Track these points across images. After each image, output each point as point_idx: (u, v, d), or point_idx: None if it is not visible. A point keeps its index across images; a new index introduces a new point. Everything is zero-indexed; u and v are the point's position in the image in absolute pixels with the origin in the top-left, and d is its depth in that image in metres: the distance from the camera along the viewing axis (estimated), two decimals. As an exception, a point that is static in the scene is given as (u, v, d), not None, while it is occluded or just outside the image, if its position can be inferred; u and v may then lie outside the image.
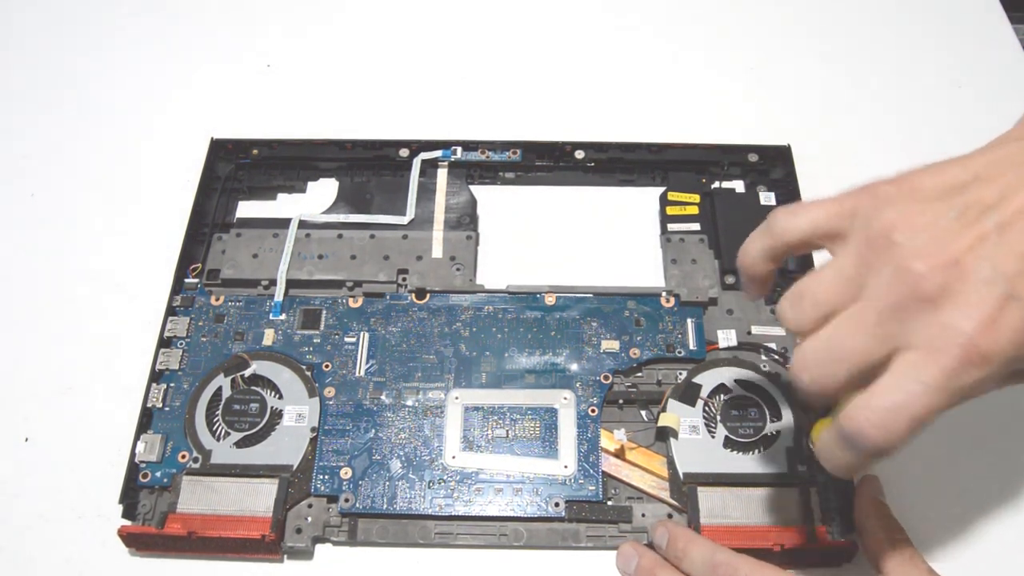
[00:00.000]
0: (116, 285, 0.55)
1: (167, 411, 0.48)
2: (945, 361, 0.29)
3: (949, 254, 0.30)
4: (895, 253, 0.31)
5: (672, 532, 0.43)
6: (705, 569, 0.40)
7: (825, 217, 0.35)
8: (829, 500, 0.45)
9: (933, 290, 0.29)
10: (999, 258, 0.29)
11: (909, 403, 0.30)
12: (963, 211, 0.30)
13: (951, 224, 0.30)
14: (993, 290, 0.29)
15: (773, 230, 0.37)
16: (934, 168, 0.33)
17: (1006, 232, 0.29)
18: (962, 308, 0.29)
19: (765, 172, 0.57)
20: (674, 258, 0.54)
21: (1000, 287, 0.29)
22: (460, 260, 0.54)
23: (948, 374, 0.29)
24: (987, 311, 0.29)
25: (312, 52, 0.67)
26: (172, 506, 0.45)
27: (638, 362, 0.49)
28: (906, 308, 0.30)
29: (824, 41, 0.66)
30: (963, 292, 0.29)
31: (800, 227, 0.35)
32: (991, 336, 0.29)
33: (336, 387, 0.49)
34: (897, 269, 0.31)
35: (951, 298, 0.29)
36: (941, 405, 0.30)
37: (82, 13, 0.70)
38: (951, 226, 0.30)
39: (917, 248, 0.30)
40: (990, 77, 0.63)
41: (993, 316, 0.29)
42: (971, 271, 0.29)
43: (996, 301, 0.29)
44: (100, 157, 0.61)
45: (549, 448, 0.47)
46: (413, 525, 0.45)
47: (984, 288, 0.29)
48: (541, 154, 0.58)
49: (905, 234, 0.31)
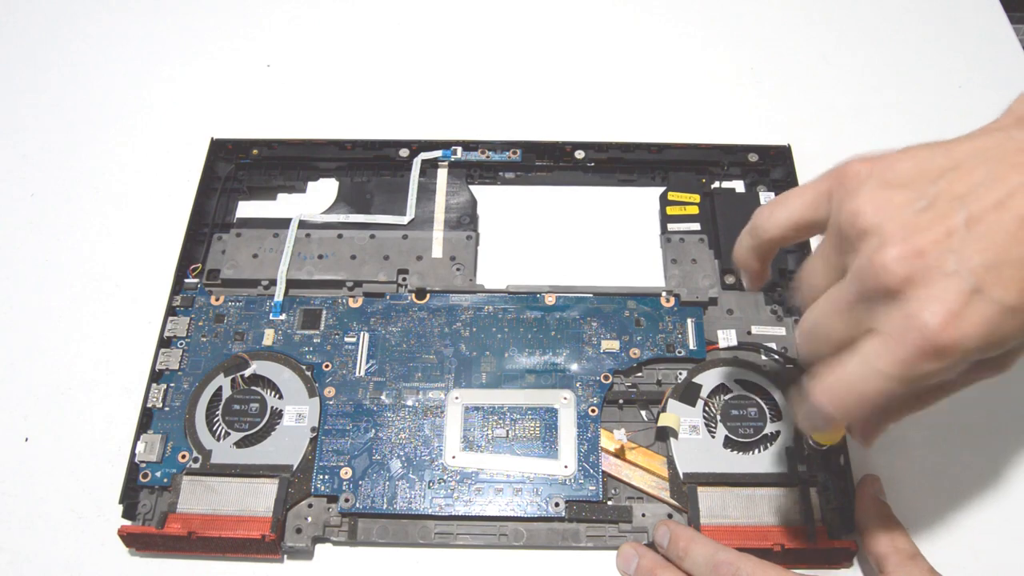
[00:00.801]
0: (116, 285, 0.55)
1: (167, 411, 0.48)
2: (903, 352, 0.30)
3: (915, 245, 0.29)
4: (864, 240, 0.31)
5: (674, 531, 0.43)
6: (707, 568, 0.40)
7: (802, 208, 0.35)
8: (829, 500, 0.45)
9: (897, 281, 0.30)
10: (966, 252, 0.29)
11: (862, 386, 0.31)
12: (933, 201, 0.30)
13: (920, 214, 0.30)
14: (958, 284, 0.29)
15: (755, 230, 0.37)
16: (911, 152, 0.32)
17: (974, 226, 0.29)
18: (925, 301, 0.29)
19: (765, 172, 0.57)
20: (674, 258, 0.54)
21: (965, 281, 0.29)
22: (460, 260, 0.54)
23: (904, 364, 0.30)
24: (950, 305, 0.29)
25: (312, 52, 0.67)
26: (172, 506, 0.45)
27: (638, 362, 0.49)
28: (873, 296, 0.30)
29: (824, 41, 0.66)
30: (928, 284, 0.29)
31: (778, 224, 0.36)
32: (952, 330, 0.29)
33: (336, 387, 0.49)
34: (864, 257, 0.31)
35: (915, 289, 0.29)
36: (894, 391, 0.30)
37: (82, 13, 0.70)
38: (920, 216, 0.30)
39: (884, 237, 0.30)
40: (990, 77, 0.63)
41: (956, 311, 0.29)
42: (937, 264, 0.29)
43: (960, 296, 0.29)
44: (100, 157, 0.61)
45: (549, 448, 0.47)
46: (413, 525, 0.45)
47: (949, 282, 0.29)
48: (541, 154, 0.58)
49: (872, 221, 0.31)
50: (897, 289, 0.30)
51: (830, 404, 0.32)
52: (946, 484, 0.47)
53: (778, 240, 0.37)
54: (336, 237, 0.55)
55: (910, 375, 0.30)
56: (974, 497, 0.47)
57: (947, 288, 0.29)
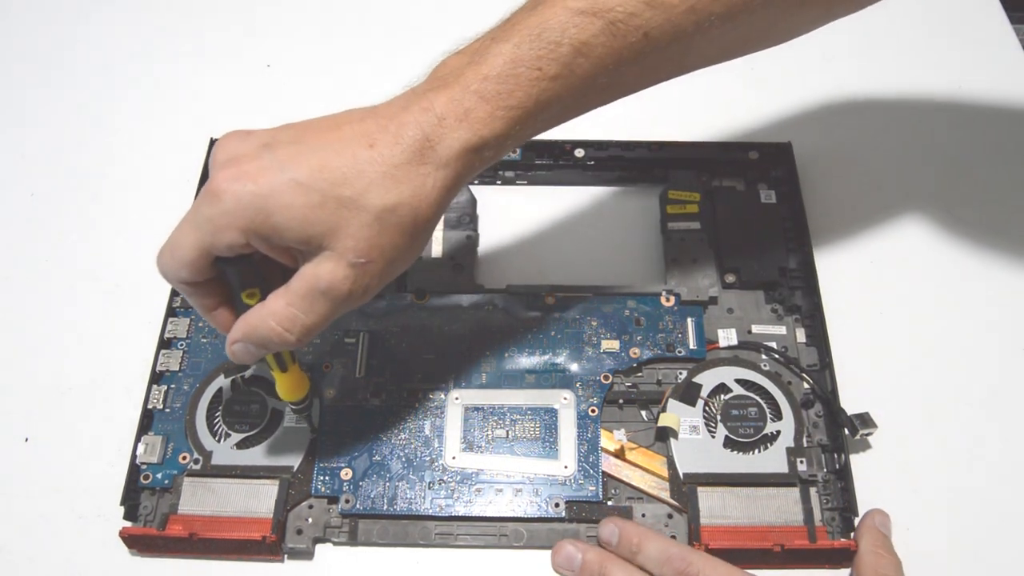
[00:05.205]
0: (116, 285, 0.55)
1: (168, 412, 0.48)
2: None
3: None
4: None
5: (623, 528, 0.43)
6: (660, 562, 0.41)
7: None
8: (829, 500, 0.45)
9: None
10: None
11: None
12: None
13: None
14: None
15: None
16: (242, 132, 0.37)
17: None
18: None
19: (766, 170, 0.57)
20: (674, 257, 0.53)
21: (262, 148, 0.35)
22: (460, 260, 0.54)
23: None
24: (238, 165, 0.35)
25: (312, 52, 0.67)
26: (173, 507, 0.45)
27: (638, 362, 0.49)
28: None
29: (825, 40, 0.66)
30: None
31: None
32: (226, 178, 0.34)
33: (336, 387, 0.49)
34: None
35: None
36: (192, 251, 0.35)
37: (82, 13, 0.70)
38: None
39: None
40: (990, 77, 0.63)
41: (240, 170, 0.34)
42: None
43: (255, 154, 0.35)
44: (100, 157, 0.61)
45: (549, 448, 0.47)
46: (413, 526, 0.45)
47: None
48: (541, 152, 0.58)
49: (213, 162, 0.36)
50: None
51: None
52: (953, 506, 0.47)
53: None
54: (336, 237, 0.54)
55: (197, 221, 0.34)
56: (971, 496, 0.47)
57: (245, 158, 0.34)
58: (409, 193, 0.35)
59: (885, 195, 0.58)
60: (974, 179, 0.58)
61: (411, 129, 0.35)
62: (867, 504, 0.44)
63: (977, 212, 0.57)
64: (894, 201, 0.57)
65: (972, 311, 0.53)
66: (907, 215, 0.57)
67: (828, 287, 0.51)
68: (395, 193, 0.34)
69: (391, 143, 0.35)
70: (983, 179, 0.58)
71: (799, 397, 0.48)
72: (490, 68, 0.35)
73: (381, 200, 0.34)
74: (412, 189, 0.35)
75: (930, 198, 0.57)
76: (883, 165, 0.59)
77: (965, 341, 0.51)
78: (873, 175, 0.59)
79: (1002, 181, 0.58)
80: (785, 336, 0.50)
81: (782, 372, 0.49)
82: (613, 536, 0.43)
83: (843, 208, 0.57)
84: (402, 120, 0.35)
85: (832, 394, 0.47)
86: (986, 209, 0.57)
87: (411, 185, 0.35)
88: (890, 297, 0.53)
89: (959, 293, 0.53)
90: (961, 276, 0.54)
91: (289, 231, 0.34)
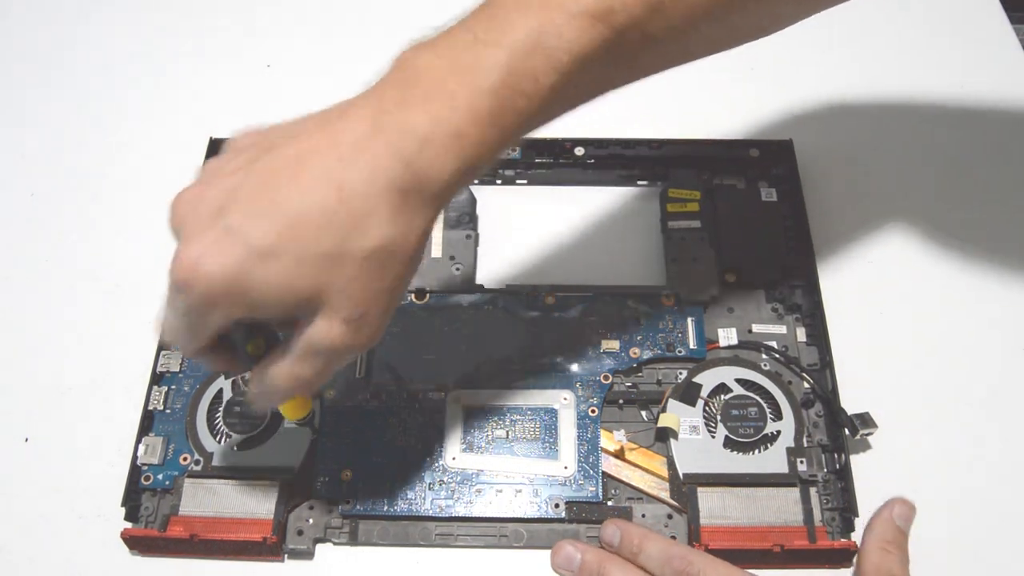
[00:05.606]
0: (116, 285, 0.55)
1: (168, 413, 0.48)
2: (169, 291, 0.33)
3: (179, 200, 0.33)
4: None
5: (624, 529, 0.43)
6: (661, 562, 0.41)
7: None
8: (829, 500, 0.45)
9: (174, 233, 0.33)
10: (222, 203, 0.32)
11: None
12: (205, 177, 0.34)
13: (194, 186, 0.34)
14: (211, 227, 0.31)
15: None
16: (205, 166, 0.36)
17: (231, 187, 0.32)
18: (181, 243, 0.32)
19: (766, 168, 0.57)
20: (674, 256, 0.53)
21: (219, 225, 0.31)
22: (460, 260, 0.54)
23: (168, 301, 0.33)
24: (200, 244, 0.31)
25: (312, 52, 0.67)
26: (174, 508, 0.45)
27: (638, 362, 0.49)
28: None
29: (825, 39, 0.66)
30: (186, 231, 0.32)
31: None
32: (192, 266, 0.31)
33: (336, 388, 0.49)
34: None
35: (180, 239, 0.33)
36: (182, 329, 0.34)
37: (82, 13, 0.70)
38: (193, 188, 0.34)
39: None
40: (990, 77, 0.63)
41: (203, 250, 0.31)
42: (194, 212, 0.32)
43: (211, 237, 0.31)
44: (100, 157, 0.61)
45: (549, 449, 0.47)
46: (414, 526, 0.45)
47: (204, 226, 0.31)
48: (540, 151, 0.58)
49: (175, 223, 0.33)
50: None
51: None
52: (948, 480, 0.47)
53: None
54: (336, 237, 0.54)
55: (178, 310, 0.32)
56: (972, 495, 0.47)
57: (200, 231, 0.31)
58: (392, 235, 0.31)
59: (886, 194, 0.58)
60: (974, 178, 0.58)
61: (386, 160, 0.30)
62: (867, 504, 0.44)
63: (977, 211, 0.57)
64: (895, 200, 0.57)
65: (973, 311, 0.52)
66: (908, 214, 0.57)
67: (828, 286, 0.51)
68: (377, 237, 0.31)
69: (365, 182, 0.30)
70: (983, 178, 0.58)
71: (799, 397, 0.48)
72: (483, 80, 0.31)
73: (361, 248, 0.31)
74: (396, 229, 0.31)
75: (930, 198, 0.57)
76: (883, 164, 0.59)
77: (966, 341, 0.51)
78: (873, 174, 0.59)
79: (1002, 180, 0.58)
80: (785, 335, 0.50)
81: (782, 372, 0.49)
82: (615, 537, 0.43)
83: (844, 207, 0.57)
84: (374, 151, 0.30)
85: (832, 394, 0.47)
86: (986, 208, 0.57)
87: (394, 226, 0.31)
88: (890, 296, 0.53)
89: (960, 293, 0.53)
90: (962, 276, 0.54)
91: (270, 304, 0.31)
